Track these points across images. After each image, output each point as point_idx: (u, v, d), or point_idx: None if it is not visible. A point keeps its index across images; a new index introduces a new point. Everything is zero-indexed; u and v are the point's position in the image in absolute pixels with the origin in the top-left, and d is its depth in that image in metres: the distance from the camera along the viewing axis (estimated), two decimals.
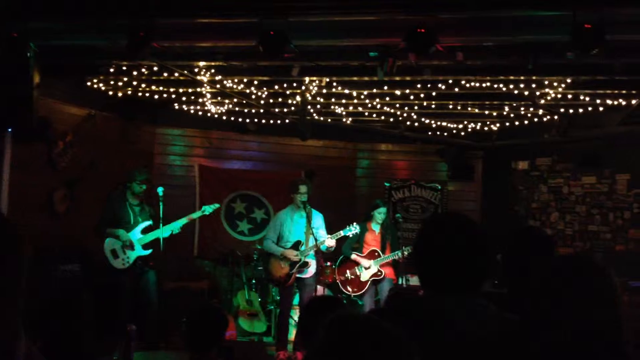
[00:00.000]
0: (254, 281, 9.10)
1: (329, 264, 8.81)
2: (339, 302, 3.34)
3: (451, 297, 1.98)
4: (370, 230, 8.25)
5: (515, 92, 7.15)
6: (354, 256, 8.18)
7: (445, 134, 9.83)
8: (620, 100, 7.30)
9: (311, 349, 1.30)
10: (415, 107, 8.43)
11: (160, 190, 7.42)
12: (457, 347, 1.84)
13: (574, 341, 1.71)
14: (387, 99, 7.91)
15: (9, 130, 6.69)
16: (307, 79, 7.20)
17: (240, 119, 9.67)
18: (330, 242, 7.54)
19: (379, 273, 8.10)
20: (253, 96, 8.11)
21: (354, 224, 7.79)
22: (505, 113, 8.42)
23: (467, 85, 7.00)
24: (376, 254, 8.16)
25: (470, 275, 2.01)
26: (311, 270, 7.69)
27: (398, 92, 7.45)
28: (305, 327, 2.94)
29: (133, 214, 7.51)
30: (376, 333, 1.23)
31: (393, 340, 1.24)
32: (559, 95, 7.26)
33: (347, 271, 8.23)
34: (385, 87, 7.28)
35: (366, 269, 8.13)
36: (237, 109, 9.15)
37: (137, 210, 7.55)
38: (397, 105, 8.36)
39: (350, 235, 7.88)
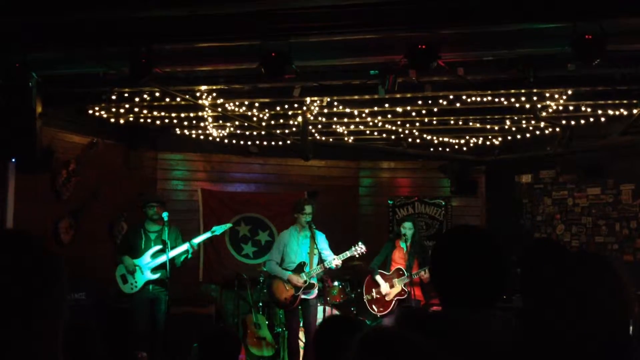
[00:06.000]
0: (260, 304, 9.02)
1: (336, 283, 8.72)
2: (358, 322, 3.29)
3: (474, 312, 1.94)
4: (398, 248, 8.12)
5: (517, 105, 7.16)
6: (377, 277, 8.07)
7: (448, 149, 9.82)
8: (622, 110, 7.29)
9: None
10: (417, 124, 8.43)
11: (165, 215, 7.40)
12: None
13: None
14: (389, 116, 7.91)
15: (13, 160, 6.70)
16: (308, 100, 7.21)
17: (242, 142, 9.67)
18: (337, 262, 7.46)
19: (403, 292, 7.93)
20: (254, 118, 8.12)
21: (359, 243, 7.69)
22: (507, 127, 8.41)
23: (469, 100, 7.00)
24: (400, 272, 7.99)
25: (491, 288, 1.97)
26: (316, 291, 7.61)
27: (399, 109, 7.45)
28: (322, 347, 2.89)
29: (146, 239, 7.51)
30: (411, 349, 1.19)
31: (428, 356, 1.21)
32: (561, 107, 7.26)
33: (373, 290, 8.11)
34: (387, 105, 7.27)
35: (390, 288, 8.00)
36: (238, 131, 9.15)
37: (153, 237, 7.53)
38: (399, 123, 8.36)
39: (357, 255, 7.76)
